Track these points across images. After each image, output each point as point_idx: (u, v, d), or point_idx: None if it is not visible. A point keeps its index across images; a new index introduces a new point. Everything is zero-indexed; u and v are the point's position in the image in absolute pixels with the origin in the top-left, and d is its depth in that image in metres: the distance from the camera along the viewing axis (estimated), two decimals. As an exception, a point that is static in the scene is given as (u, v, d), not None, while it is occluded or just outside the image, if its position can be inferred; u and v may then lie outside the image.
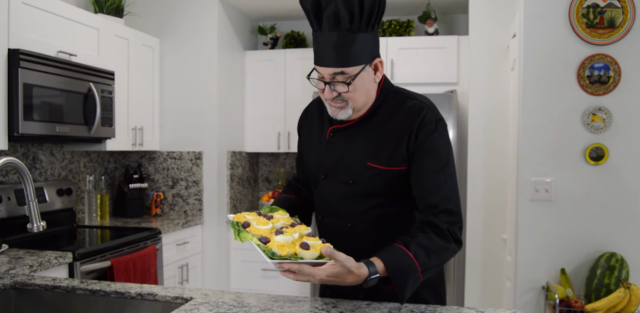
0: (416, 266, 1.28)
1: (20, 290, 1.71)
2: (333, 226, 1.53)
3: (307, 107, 1.67)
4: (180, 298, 1.54)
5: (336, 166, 1.49)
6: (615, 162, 2.53)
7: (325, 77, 1.38)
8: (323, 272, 1.19)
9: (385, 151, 1.42)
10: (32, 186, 1.55)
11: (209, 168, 3.72)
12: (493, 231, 3.33)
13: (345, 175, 1.47)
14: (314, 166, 1.56)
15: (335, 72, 1.35)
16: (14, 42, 2.39)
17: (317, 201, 1.58)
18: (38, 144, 2.99)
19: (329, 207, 1.53)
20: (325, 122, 1.54)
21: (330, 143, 1.51)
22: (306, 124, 1.63)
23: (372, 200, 1.45)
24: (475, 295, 3.31)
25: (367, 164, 1.43)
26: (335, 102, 1.40)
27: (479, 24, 3.38)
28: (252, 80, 4.12)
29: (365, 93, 1.41)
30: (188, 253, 3.48)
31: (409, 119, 1.41)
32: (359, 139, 1.46)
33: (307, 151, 1.61)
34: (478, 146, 3.34)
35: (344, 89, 1.37)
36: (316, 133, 1.57)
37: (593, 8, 2.53)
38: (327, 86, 1.38)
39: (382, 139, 1.43)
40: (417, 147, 1.39)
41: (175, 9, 3.73)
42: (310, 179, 1.62)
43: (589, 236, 2.55)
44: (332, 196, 1.51)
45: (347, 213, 1.49)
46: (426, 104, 1.44)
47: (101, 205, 3.38)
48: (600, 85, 2.53)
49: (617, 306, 2.34)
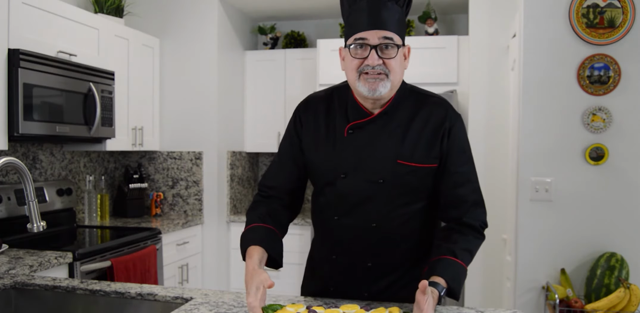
0: (465, 268, 1.37)
1: (20, 290, 1.71)
2: (353, 226, 1.45)
3: (305, 105, 1.55)
4: (180, 298, 1.54)
5: (360, 165, 1.42)
6: (615, 162, 2.53)
7: (371, 41, 1.34)
8: (430, 309, 1.20)
9: (420, 148, 1.42)
10: (32, 186, 1.55)
11: (209, 168, 3.72)
12: (493, 231, 3.31)
13: (372, 174, 1.41)
14: (327, 165, 1.46)
15: (385, 36, 1.34)
16: (14, 42, 2.39)
17: (330, 202, 1.48)
18: (38, 144, 2.99)
19: (349, 207, 1.44)
20: (337, 119, 1.47)
21: (349, 140, 1.44)
22: (308, 123, 1.51)
23: (399, 199, 1.43)
24: (475, 295, 3.31)
25: (398, 161, 1.41)
26: (375, 73, 1.35)
27: (479, 24, 3.38)
28: (252, 80, 4.12)
29: (400, 72, 1.40)
30: (188, 253, 3.48)
31: (437, 117, 1.43)
32: (384, 136, 1.42)
33: (312, 150, 1.50)
34: (478, 146, 3.34)
35: (393, 54, 1.35)
36: (325, 130, 1.48)
37: (593, 8, 2.53)
38: (372, 51, 1.34)
39: (414, 137, 1.42)
40: (450, 145, 1.43)
41: (175, 9, 3.73)
42: (317, 180, 1.52)
43: (589, 236, 2.55)
44: (356, 195, 1.43)
45: (372, 213, 1.43)
46: (447, 102, 1.48)
47: (101, 205, 3.38)
48: (600, 85, 2.53)
49: (617, 306, 2.34)
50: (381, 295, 1.49)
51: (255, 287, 1.26)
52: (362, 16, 1.35)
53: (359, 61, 1.36)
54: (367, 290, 1.50)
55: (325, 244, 1.55)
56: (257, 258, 1.37)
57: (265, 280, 1.27)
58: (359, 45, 1.35)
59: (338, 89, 1.53)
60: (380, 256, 1.42)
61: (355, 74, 1.37)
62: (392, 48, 1.35)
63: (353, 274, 1.50)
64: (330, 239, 1.51)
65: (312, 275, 1.62)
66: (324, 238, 1.55)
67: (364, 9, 1.36)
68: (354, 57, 1.36)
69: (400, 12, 1.38)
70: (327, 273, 1.55)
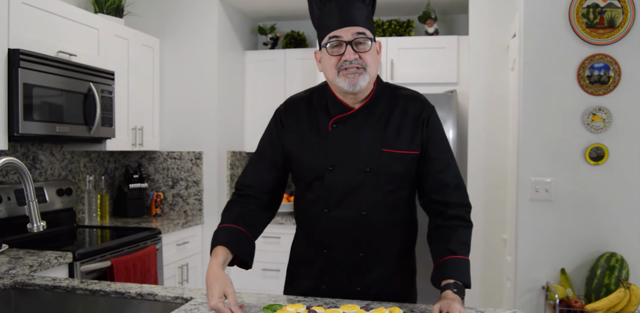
0: (467, 260, 1.46)
1: (20, 290, 1.71)
2: (343, 217, 1.50)
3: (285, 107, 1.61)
4: (180, 298, 1.54)
5: (347, 156, 1.48)
6: (615, 162, 2.53)
7: (345, 38, 1.42)
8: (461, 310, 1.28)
9: (403, 136, 1.50)
10: (32, 186, 1.55)
11: (209, 168, 3.72)
12: (493, 231, 3.33)
13: (359, 164, 1.48)
14: (314, 160, 1.51)
15: (358, 31, 1.42)
16: (14, 42, 2.39)
17: (319, 196, 1.53)
18: (38, 144, 2.99)
19: (339, 198, 1.50)
20: (319, 116, 1.53)
21: (334, 134, 1.50)
22: (289, 124, 1.56)
23: (386, 186, 1.50)
24: (475, 295, 3.31)
25: (383, 150, 1.48)
26: (354, 67, 1.42)
27: (479, 24, 3.38)
28: (252, 80, 4.12)
29: (376, 65, 1.47)
30: (188, 253, 3.48)
31: (414, 108, 1.52)
32: (367, 127, 1.49)
33: (297, 148, 1.54)
34: (478, 146, 3.34)
35: (367, 48, 1.43)
36: (309, 128, 1.54)
37: (593, 8, 2.53)
38: (348, 47, 1.41)
39: (396, 127, 1.50)
40: (430, 133, 1.51)
41: (175, 9, 3.73)
42: (304, 177, 1.55)
43: (589, 236, 2.55)
44: (344, 186, 1.49)
45: (361, 203, 1.49)
46: (422, 95, 1.58)
47: (101, 205, 3.38)
48: (600, 85, 2.53)
49: (617, 306, 2.34)
50: (372, 289, 1.54)
51: (217, 291, 1.33)
52: (334, 16, 1.44)
53: (337, 58, 1.43)
54: (359, 284, 1.54)
55: (315, 240, 1.57)
56: (222, 258, 1.42)
57: (227, 287, 1.35)
58: (335, 43, 1.43)
59: (317, 90, 1.60)
60: (372, 245, 1.51)
61: (335, 71, 1.44)
62: (366, 42, 1.43)
63: (346, 267, 1.54)
64: (321, 234, 1.54)
65: (298, 277, 1.64)
66: (314, 234, 1.57)
67: (334, 9, 1.44)
68: (331, 55, 1.43)
69: (368, 11, 1.47)
70: (320, 270, 1.57)
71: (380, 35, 3.91)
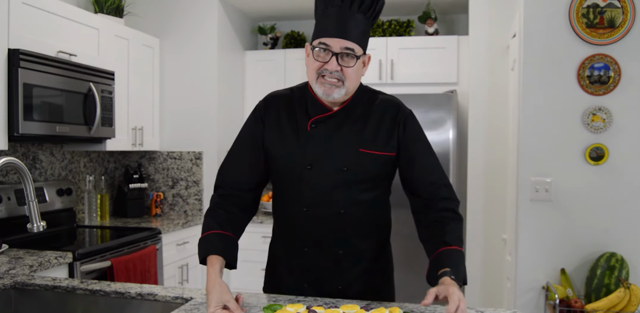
0: (461, 251, 1.48)
1: (20, 290, 1.71)
2: (321, 215, 1.53)
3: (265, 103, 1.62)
4: (180, 298, 1.54)
5: (324, 155, 1.51)
6: (615, 162, 2.53)
7: (334, 49, 1.43)
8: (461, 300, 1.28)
9: (379, 137, 1.53)
10: (32, 186, 1.55)
11: (209, 168, 3.72)
12: (493, 231, 3.33)
13: (336, 163, 1.51)
14: (293, 158, 1.53)
15: (347, 46, 1.43)
16: (14, 42, 2.39)
17: (297, 195, 1.54)
18: (38, 144, 2.99)
19: (317, 197, 1.52)
20: (298, 115, 1.55)
21: (312, 133, 1.53)
22: (270, 120, 1.58)
23: (363, 185, 1.54)
24: (475, 295, 3.31)
25: (360, 150, 1.51)
26: (333, 78, 1.45)
27: (479, 24, 3.38)
28: (252, 80, 4.12)
29: (357, 79, 1.50)
30: (188, 253, 3.48)
31: (391, 111, 1.57)
32: (345, 128, 1.53)
33: (276, 146, 1.56)
34: (478, 146, 3.34)
35: (351, 63, 1.45)
36: (288, 126, 1.55)
37: (593, 8, 2.53)
38: (333, 58, 1.43)
39: (373, 129, 1.54)
40: (407, 136, 1.56)
41: (175, 9, 3.73)
42: (283, 175, 1.57)
43: (589, 236, 2.55)
44: (322, 185, 1.52)
45: (339, 201, 1.52)
46: (397, 99, 1.62)
47: (101, 205, 3.38)
48: (600, 85, 2.53)
49: (617, 306, 2.34)
50: (353, 287, 1.57)
51: (215, 301, 1.34)
52: (331, 22, 1.45)
53: (320, 64, 1.46)
54: (340, 282, 1.57)
55: (294, 239, 1.59)
56: (219, 266, 1.45)
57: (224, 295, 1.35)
58: (322, 49, 1.45)
59: (298, 88, 1.63)
60: (350, 242, 1.55)
61: (315, 74, 1.47)
62: (352, 58, 1.45)
63: (326, 264, 1.57)
64: (301, 232, 1.57)
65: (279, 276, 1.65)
66: (293, 233, 1.59)
67: (333, 16, 1.46)
68: (316, 60, 1.46)
69: (367, 24, 1.48)
70: (300, 268, 1.59)
71: (380, 35, 3.91)
